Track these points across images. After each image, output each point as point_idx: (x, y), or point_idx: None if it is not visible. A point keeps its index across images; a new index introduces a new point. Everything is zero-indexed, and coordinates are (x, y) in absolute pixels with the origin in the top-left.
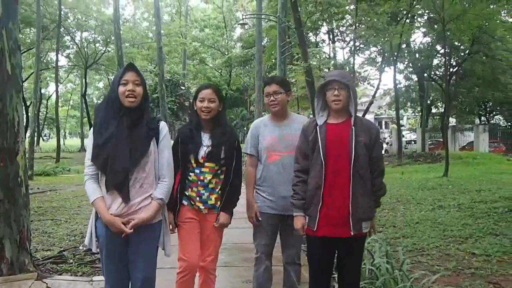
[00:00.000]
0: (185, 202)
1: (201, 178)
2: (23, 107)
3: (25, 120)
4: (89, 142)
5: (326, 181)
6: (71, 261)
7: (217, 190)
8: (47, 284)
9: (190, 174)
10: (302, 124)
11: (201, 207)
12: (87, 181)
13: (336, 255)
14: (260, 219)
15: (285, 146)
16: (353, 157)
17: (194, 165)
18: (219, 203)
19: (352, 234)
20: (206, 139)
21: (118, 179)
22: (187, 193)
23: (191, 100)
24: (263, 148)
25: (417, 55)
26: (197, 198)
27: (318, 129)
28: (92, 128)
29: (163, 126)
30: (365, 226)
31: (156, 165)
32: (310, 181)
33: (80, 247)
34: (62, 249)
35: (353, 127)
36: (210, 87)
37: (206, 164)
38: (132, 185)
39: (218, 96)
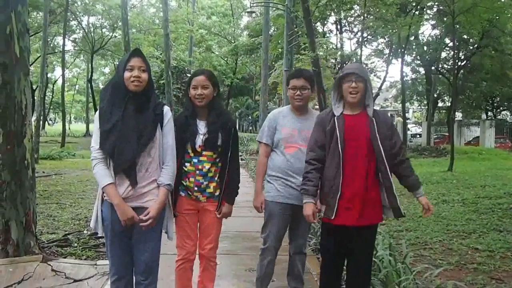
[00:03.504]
0: (182, 193)
1: (199, 167)
2: (30, 91)
3: (31, 104)
4: (95, 127)
5: (345, 171)
6: (76, 244)
7: (215, 178)
8: (52, 266)
9: (186, 164)
10: None
11: (200, 197)
12: (96, 165)
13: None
14: (263, 210)
15: (303, 139)
16: (372, 148)
17: (192, 154)
18: (218, 191)
19: (367, 223)
20: (202, 127)
21: (125, 164)
22: (184, 183)
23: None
24: (281, 139)
25: (425, 48)
26: (195, 188)
27: (336, 119)
28: (97, 113)
29: (167, 110)
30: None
31: (160, 150)
32: (327, 171)
33: (85, 231)
34: (66, 232)
35: (373, 118)
36: (203, 73)
37: (204, 153)
38: (138, 170)
39: (212, 81)
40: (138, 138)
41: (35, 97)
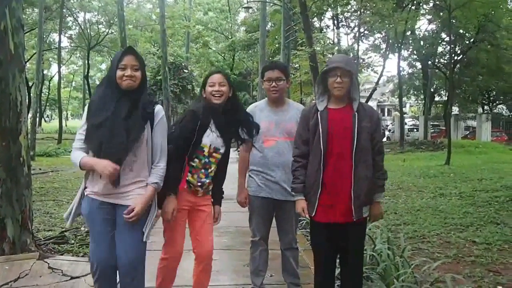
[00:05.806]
0: (184, 185)
1: (207, 167)
2: (26, 87)
3: (27, 100)
4: (83, 118)
5: (327, 166)
6: (73, 241)
7: (212, 176)
8: (48, 264)
9: (195, 160)
10: (299, 111)
11: (200, 191)
12: (73, 151)
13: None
14: (247, 204)
15: (281, 132)
16: (355, 143)
17: (206, 153)
18: (211, 186)
19: (354, 219)
20: (216, 130)
21: (113, 159)
22: (187, 178)
23: (193, 84)
24: (259, 133)
25: (421, 43)
26: (198, 184)
27: (319, 114)
28: (89, 104)
29: (159, 110)
30: (365, 210)
31: (147, 149)
32: (309, 166)
33: (82, 228)
34: (63, 229)
35: (356, 113)
36: (219, 72)
37: (214, 154)
38: (122, 168)
39: (228, 80)
40: (127, 135)
41: (31, 94)
